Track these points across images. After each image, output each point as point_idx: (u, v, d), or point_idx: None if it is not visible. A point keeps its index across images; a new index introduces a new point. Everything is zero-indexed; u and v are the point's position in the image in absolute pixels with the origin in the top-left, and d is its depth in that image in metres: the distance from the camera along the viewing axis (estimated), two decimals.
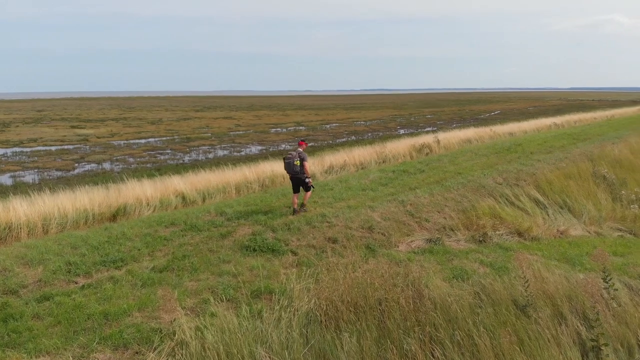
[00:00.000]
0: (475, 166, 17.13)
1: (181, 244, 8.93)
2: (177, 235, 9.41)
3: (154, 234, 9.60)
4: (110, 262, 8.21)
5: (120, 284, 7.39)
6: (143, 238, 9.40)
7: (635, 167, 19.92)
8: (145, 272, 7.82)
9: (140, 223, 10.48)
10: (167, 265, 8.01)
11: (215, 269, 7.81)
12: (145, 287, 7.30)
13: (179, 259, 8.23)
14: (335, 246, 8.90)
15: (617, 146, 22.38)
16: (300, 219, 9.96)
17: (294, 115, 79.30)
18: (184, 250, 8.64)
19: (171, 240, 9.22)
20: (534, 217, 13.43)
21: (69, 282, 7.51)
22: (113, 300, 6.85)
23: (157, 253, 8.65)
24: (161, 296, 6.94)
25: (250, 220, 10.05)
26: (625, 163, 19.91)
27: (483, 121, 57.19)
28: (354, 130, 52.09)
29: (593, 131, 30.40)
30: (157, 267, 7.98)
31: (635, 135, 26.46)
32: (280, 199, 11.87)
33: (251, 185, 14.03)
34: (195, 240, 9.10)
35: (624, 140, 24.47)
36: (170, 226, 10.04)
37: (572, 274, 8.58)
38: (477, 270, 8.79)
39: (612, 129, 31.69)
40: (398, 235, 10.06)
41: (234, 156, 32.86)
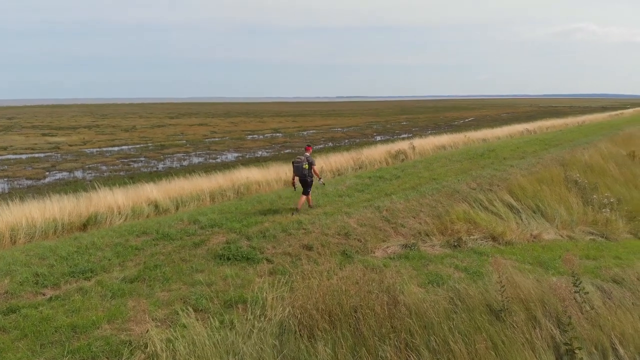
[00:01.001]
0: (450, 172, 17.28)
1: (153, 254, 8.73)
2: (149, 245, 9.20)
3: (125, 243, 9.38)
4: (80, 272, 7.97)
5: (89, 295, 7.17)
6: (114, 248, 9.17)
7: (605, 171, 20.37)
8: (115, 282, 7.60)
9: (111, 232, 10.24)
10: (138, 276, 7.81)
11: (188, 278, 7.64)
12: (115, 298, 7.10)
13: (151, 269, 8.04)
14: (311, 253, 8.81)
15: (588, 151, 22.87)
16: (276, 227, 9.85)
17: (270, 122, 79.12)
18: (155, 259, 8.44)
19: (143, 249, 9.01)
20: (508, 221, 13.57)
21: (36, 294, 7.26)
22: (82, 312, 6.63)
23: (128, 263, 8.44)
24: (132, 307, 6.76)
25: (224, 228, 9.89)
26: (596, 168, 20.35)
27: (457, 128, 57.99)
28: (331, 136, 52.19)
29: (564, 137, 31.04)
30: (127, 278, 7.78)
31: (606, 141, 27.11)
32: (255, 206, 11.74)
33: (226, 192, 13.87)
34: (167, 249, 8.91)
35: (595, 145, 25.04)
36: (142, 235, 9.82)
37: (544, 278, 8.68)
38: (452, 275, 8.81)
39: (582, 134, 32.41)
40: (374, 241, 10.03)
41: (209, 163, 32.57)
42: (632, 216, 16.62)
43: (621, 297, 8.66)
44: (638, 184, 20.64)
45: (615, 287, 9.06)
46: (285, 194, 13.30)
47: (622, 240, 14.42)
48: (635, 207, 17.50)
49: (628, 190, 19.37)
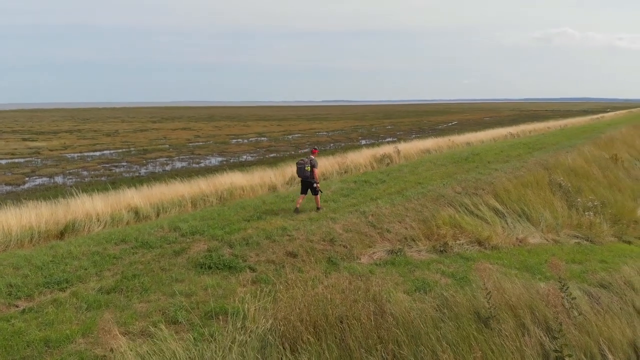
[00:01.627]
0: (435, 176, 17.19)
1: (131, 263, 8.43)
2: (128, 253, 8.89)
3: (103, 252, 9.06)
4: (55, 283, 7.65)
5: (63, 307, 6.86)
6: (91, 257, 8.85)
7: (589, 175, 20.48)
8: (91, 293, 7.31)
9: (89, 240, 9.90)
10: (115, 286, 7.51)
11: (167, 288, 7.37)
12: (91, 311, 6.81)
13: (129, 279, 7.75)
14: (295, 261, 8.59)
15: (571, 155, 23.00)
16: (259, 233, 9.60)
17: (255, 126, 78.77)
18: (134, 269, 8.14)
19: (121, 258, 8.70)
20: (493, 226, 13.50)
21: (9, 306, 6.94)
22: (55, 326, 6.34)
23: (105, 273, 8.13)
24: (108, 320, 6.46)
25: (206, 235, 9.60)
26: (579, 171, 20.45)
27: (441, 132, 58.29)
28: (317, 140, 52.05)
29: (547, 140, 31.23)
30: (104, 288, 7.48)
31: (588, 144, 27.33)
32: (239, 212, 11.47)
33: (208, 198, 13.55)
34: (146, 258, 8.61)
35: (578, 149, 25.21)
36: (121, 243, 9.51)
37: (532, 283, 8.56)
38: (439, 282, 8.67)
39: (565, 138, 32.66)
40: (360, 247, 9.85)
41: (192, 168, 32.18)
42: (616, 219, 16.70)
43: (609, 302, 8.59)
44: (621, 187, 20.81)
45: (603, 292, 9.00)
46: (269, 199, 13.05)
47: (607, 243, 14.45)
48: (619, 210, 17.60)
49: (612, 193, 19.49)
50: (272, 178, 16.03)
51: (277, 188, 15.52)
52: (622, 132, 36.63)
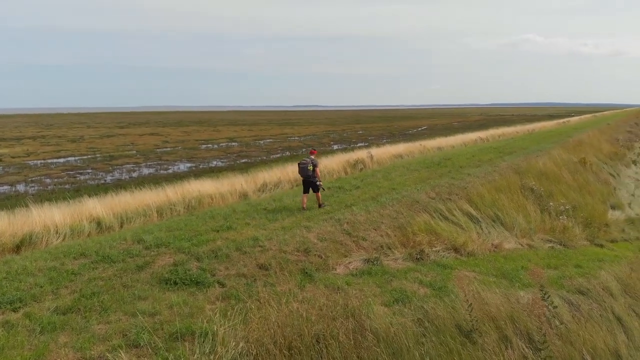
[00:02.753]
0: (409, 181, 16.99)
1: (91, 279, 7.82)
2: (87, 269, 8.27)
3: (60, 267, 8.41)
4: (7, 303, 7.00)
5: (15, 330, 6.25)
6: (47, 273, 8.19)
7: (559, 178, 20.64)
8: (46, 314, 6.69)
9: (46, 255, 9.21)
10: (72, 306, 6.91)
11: (129, 307, 6.81)
12: (45, 334, 6.21)
13: (87, 297, 7.15)
14: (268, 274, 8.11)
15: (541, 159, 23.19)
16: (229, 245, 9.09)
17: (225, 131, 77.80)
18: (93, 286, 7.54)
19: (79, 274, 8.08)
20: (469, 231, 13.34)
21: None
22: (5, 352, 5.73)
23: (63, 290, 7.51)
24: (63, 344, 5.91)
25: (172, 247, 9.01)
26: (550, 175, 20.59)
27: (412, 136, 58.63)
28: (289, 145, 51.63)
29: (517, 144, 31.58)
30: (60, 308, 6.87)
31: (557, 148, 27.69)
32: (207, 222, 10.91)
33: (175, 207, 12.93)
34: (107, 273, 8.01)
35: (548, 152, 25.47)
36: (80, 257, 8.87)
37: (512, 292, 8.35)
38: (418, 292, 8.36)
39: (534, 142, 33.08)
40: (335, 257, 9.46)
41: (160, 174, 31.37)
42: (587, 222, 16.81)
43: (589, 310, 8.45)
44: (591, 190, 21.05)
45: (582, 299, 8.85)
46: (240, 207, 12.53)
47: (580, 247, 14.48)
48: (590, 214, 17.74)
49: (582, 196, 19.67)
50: (243, 185, 15.50)
51: (248, 195, 15.00)
52: (589, 136, 37.41)
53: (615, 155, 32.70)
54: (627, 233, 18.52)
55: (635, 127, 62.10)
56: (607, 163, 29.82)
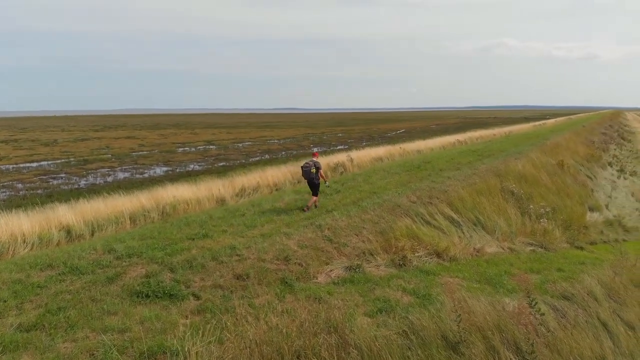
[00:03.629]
0: (389, 185, 16.78)
1: (57, 292, 7.35)
2: (54, 281, 7.79)
3: (26, 280, 7.91)
4: None
5: None
6: (11, 286, 7.70)
7: (538, 181, 20.70)
8: (8, 332, 6.23)
9: (12, 266, 8.69)
10: (37, 322, 6.46)
11: (98, 323, 6.38)
12: (6, 353, 5.76)
13: (53, 313, 6.70)
14: (246, 284, 7.74)
15: (520, 161, 23.24)
16: (205, 254, 8.66)
17: (203, 134, 76.93)
18: (60, 300, 7.08)
19: (46, 287, 7.60)
20: (450, 236, 13.19)
21: None
22: None
23: (27, 305, 7.04)
24: None
25: (144, 257, 8.54)
26: (529, 178, 20.62)
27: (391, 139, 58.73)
28: (268, 148, 51.17)
29: (495, 147, 31.69)
30: (24, 325, 6.41)
31: (535, 151, 27.84)
32: (182, 230, 10.46)
33: (149, 213, 12.42)
34: (75, 286, 7.54)
35: (526, 155, 25.57)
36: (47, 269, 8.38)
37: (497, 300, 8.15)
38: (401, 300, 8.11)
39: (512, 145, 33.25)
40: (317, 265, 9.14)
41: (136, 178, 30.69)
42: (567, 225, 16.83)
43: (575, 316, 8.30)
44: (569, 192, 21.17)
45: (567, 305, 8.71)
46: (217, 213, 12.10)
47: (561, 250, 14.46)
48: (569, 216, 17.79)
49: (561, 199, 19.75)
50: (220, 189, 15.06)
51: (226, 200, 14.55)
52: (565, 138, 37.84)
53: (592, 157, 33.10)
54: (606, 235, 18.63)
55: (610, 129, 63.31)
56: (583, 165, 30.14)
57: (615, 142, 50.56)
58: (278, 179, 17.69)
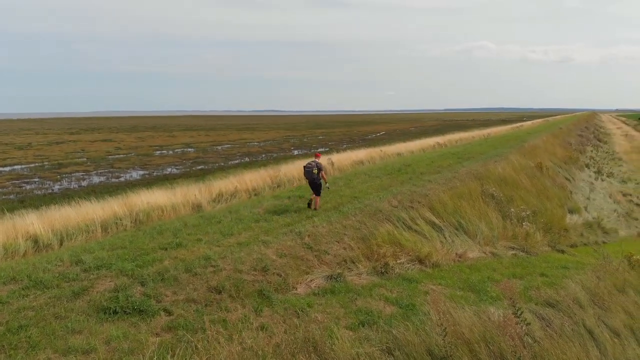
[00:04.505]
0: (370, 189, 16.52)
1: (20, 309, 6.86)
2: (16, 296, 7.28)
3: None
4: None
5: None
6: None
7: (518, 184, 20.68)
8: None
9: None
10: None
11: (61, 343, 5.93)
12: None
13: (13, 332, 6.22)
14: (221, 297, 7.34)
15: (500, 164, 23.23)
16: (178, 265, 8.22)
17: (181, 137, 75.98)
18: (21, 317, 6.60)
19: (7, 303, 7.10)
20: (432, 241, 12.98)
21: None
22: None
23: None
24: None
25: (113, 269, 8.06)
26: (509, 180, 20.59)
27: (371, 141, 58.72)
28: (248, 151, 50.65)
29: (474, 150, 31.73)
30: None
31: (514, 153, 27.92)
32: (155, 239, 9.98)
33: (122, 221, 11.90)
34: (38, 302, 7.06)
35: (505, 158, 25.59)
36: (10, 283, 7.86)
37: (482, 309, 7.91)
38: (384, 311, 7.82)
39: (491, 147, 33.33)
40: (296, 274, 8.79)
41: (111, 183, 30.00)
42: (547, 228, 16.82)
43: (561, 324, 8.12)
44: (549, 195, 21.22)
45: (552, 313, 8.54)
46: (192, 221, 11.64)
47: (542, 253, 14.38)
48: (550, 219, 17.79)
49: (541, 201, 19.77)
50: (196, 195, 14.57)
51: (202, 206, 14.07)
52: (543, 141, 38.16)
53: (569, 159, 33.43)
54: (586, 237, 18.71)
55: (586, 131, 64.34)
56: (562, 167, 30.41)
57: (591, 144, 51.37)
58: (257, 183, 17.27)
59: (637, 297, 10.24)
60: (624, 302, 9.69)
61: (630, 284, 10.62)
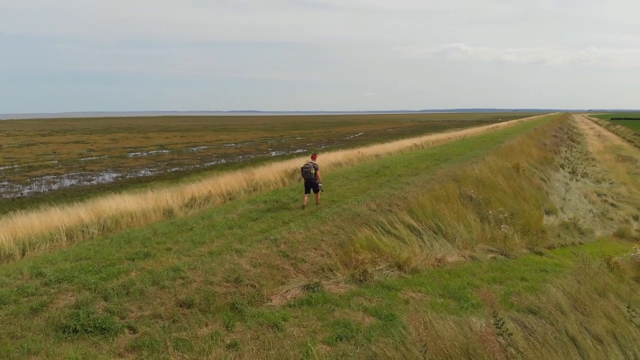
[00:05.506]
0: (349, 192, 16.23)
1: None
2: None
3: None
4: None
5: None
6: None
7: (495, 185, 20.64)
8: None
9: None
10: None
11: None
12: None
13: None
14: (190, 312, 6.91)
15: (477, 165, 23.19)
16: (145, 277, 7.75)
17: (156, 138, 74.74)
18: None
19: None
20: (411, 245, 12.76)
21: None
22: None
23: None
24: None
25: (76, 283, 7.53)
26: (487, 182, 20.53)
27: (349, 143, 58.58)
28: (224, 152, 49.95)
29: (451, 151, 31.73)
30: None
31: (491, 154, 27.97)
32: (122, 248, 9.47)
33: (88, 229, 11.33)
34: None
35: (482, 159, 25.58)
36: None
37: (464, 320, 7.66)
38: (363, 323, 7.50)
39: (468, 148, 33.37)
40: (271, 285, 8.41)
41: (83, 186, 29.13)
42: (525, 230, 16.76)
43: (543, 332, 7.92)
44: (526, 196, 21.24)
45: (534, 320, 8.33)
46: (162, 228, 11.13)
47: (521, 256, 14.28)
48: (527, 220, 17.74)
49: (518, 203, 19.75)
50: (168, 200, 14.04)
51: (174, 212, 13.55)
52: (519, 141, 38.43)
53: (545, 159, 33.71)
54: (563, 238, 18.74)
55: (560, 132, 65.32)
56: (537, 168, 30.61)
57: (565, 144, 52.12)
58: (232, 187, 16.81)
59: (618, 300, 10.15)
60: (605, 306, 9.57)
61: (610, 288, 10.53)
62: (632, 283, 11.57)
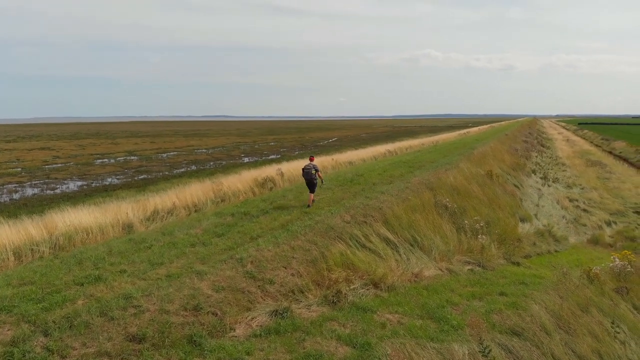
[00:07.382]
0: (322, 202, 15.59)
1: None
2: None
3: None
4: None
5: None
6: None
7: (470, 193, 20.30)
8: None
9: None
10: None
11: None
12: None
13: None
14: (141, 348, 6.12)
15: (451, 172, 22.84)
16: (92, 307, 6.90)
17: (125, 144, 72.90)
18: None
19: None
20: (387, 260, 12.19)
21: None
22: None
23: None
24: None
25: (15, 314, 6.64)
26: (461, 190, 20.17)
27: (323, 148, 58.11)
28: (195, 159, 48.81)
29: (425, 158, 31.41)
30: None
31: (464, 161, 27.72)
32: (71, 270, 8.57)
33: (38, 247, 10.37)
34: None
35: (456, 166, 25.28)
36: None
37: (445, 347, 7.07)
38: (336, 354, 6.84)
39: (441, 155, 33.11)
40: (235, 312, 7.66)
41: (46, 195, 27.84)
42: (501, 239, 16.42)
43: (529, 357, 7.43)
44: (501, 203, 20.97)
45: (519, 343, 7.83)
46: (119, 246, 10.22)
47: (498, 267, 13.88)
48: (503, 229, 17.42)
49: (493, 211, 19.44)
50: (128, 213, 13.11)
51: (134, 226, 12.61)
52: (491, 147, 38.47)
53: (517, 165, 33.77)
54: (539, 246, 18.50)
55: (530, 137, 66.19)
56: (510, 174, 30.57)
57: (536, 150, 52.71)
58: (198, 197, 15.95)
59: (601, 315, 9.79)
60: (589, 323, 9.18)
61: (593, 302, 10.17)
62: (614, 296, 11.25)
